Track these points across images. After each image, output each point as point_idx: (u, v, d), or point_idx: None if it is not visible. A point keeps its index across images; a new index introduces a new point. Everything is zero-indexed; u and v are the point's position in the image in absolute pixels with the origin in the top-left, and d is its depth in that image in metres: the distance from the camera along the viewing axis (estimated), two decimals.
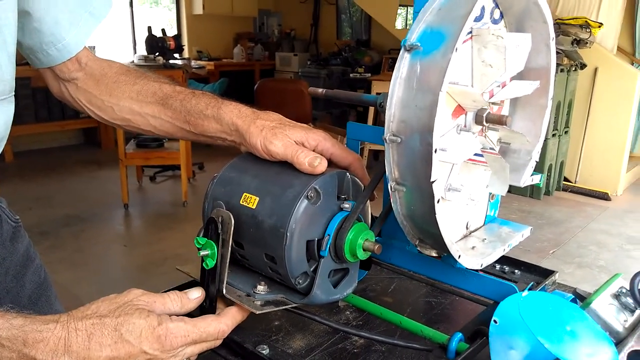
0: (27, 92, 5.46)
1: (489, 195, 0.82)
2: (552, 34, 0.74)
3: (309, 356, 0.73)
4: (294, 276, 0.64)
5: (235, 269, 0.71)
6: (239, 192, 0.68)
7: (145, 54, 5.13)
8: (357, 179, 0.70)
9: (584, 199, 4.77)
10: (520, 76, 0.75)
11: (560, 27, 4.46)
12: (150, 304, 0.59)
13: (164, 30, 5.05)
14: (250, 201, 0.66)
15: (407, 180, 0.62)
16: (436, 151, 0.58)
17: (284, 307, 0.65)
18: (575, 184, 5.02)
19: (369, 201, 0.72)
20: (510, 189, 0.76)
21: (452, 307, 0.90)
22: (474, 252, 0.74)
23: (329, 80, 6.78)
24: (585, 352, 0.53)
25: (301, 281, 0.66)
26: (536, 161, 0.79)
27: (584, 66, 4.65)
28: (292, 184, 0.64)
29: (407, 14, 7.11)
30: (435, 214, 0.60)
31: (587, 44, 4.54)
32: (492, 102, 0.71)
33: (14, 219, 0.88)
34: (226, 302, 0.65)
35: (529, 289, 0.79)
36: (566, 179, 5.05)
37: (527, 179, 0.80)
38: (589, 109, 4.90)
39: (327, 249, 0.65)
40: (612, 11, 4.89)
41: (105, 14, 0.84)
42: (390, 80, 0.61)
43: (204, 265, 0.64)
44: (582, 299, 0.70)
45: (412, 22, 0.64)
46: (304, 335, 0.78)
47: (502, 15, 0.73)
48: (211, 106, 0.76)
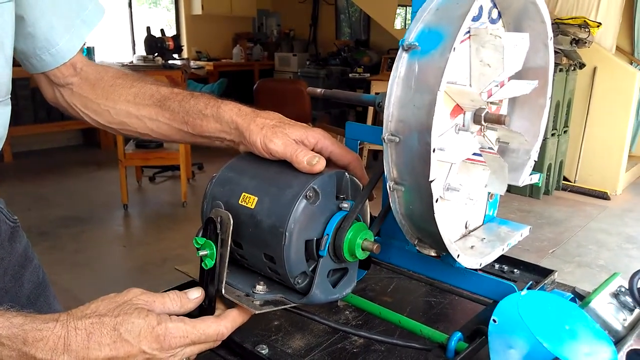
0: (26, 93, 5.45)
1: (488, 194, 0.82)
2: (550, 34, 0.74)
3: (308, 356, 0.73)
4: (293, 276, 0.64)
5: (234, 268, 0.71)
6: (238, 192, 0.68)
7: (144, 54, 5.13)
8: (355, 179, 0.71)
9: (584, 199, 4.77)
10: (518, 76, 0.75)
11: (559, 26, 4.46)
12: (149, 303, 0.59)
13: (162, 30, 5.05)
14: (249, 201, 0.66)
15: (406, 179, 0.62)
16: (434, 150, 0.58)
17: (283, 307, 0.65)
18: (574, 183, 5.02)
19: (367, 201, 0.72)
20: (509, 189, 0.76)
21: (451, 306, 0.90)
22: (473, 252, 0.74)
23: (328, 80, 6.78)
24: (584, 351, 0.53)
25: (300, 281, 0.66)
26: (535, 160, 0.79)
27: (582, 66, 4.65)
28: (291, 184, 0.64)
29: (406, 14, 7.11)
30: (434, 213, 0.60)
31: (586, 43, 4.55)
32: (491, 102, 0.71)
33: (12, 219, 0.88)
34: (225, 302, 0.65)
35: (528, 288, 0.79)
36: (565, 179, 5.05)
37: (526, 178, 0.80)
38: (588, 109, 4.91)
39: (326, 248, 0.65)
40: (611, 11, 4.89)
41: (97, 22, 0.84)
42: (389, 80, 0.61)
43: (203, 265, 0.64)
44: (581, 298, 0.70)
45: (411, 21, 0.64)
46: (304, 335, 0.78)
47: (500, 14, 0.73)
48: (210, 105, 0.76)
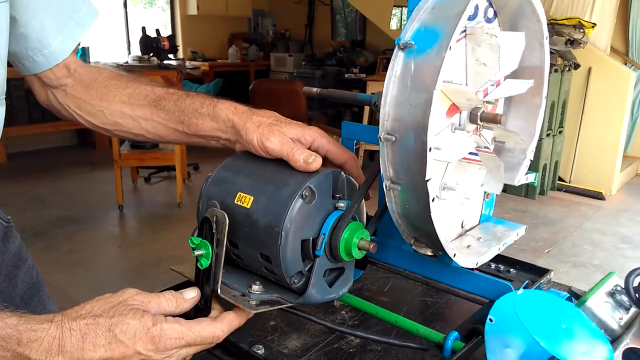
0: (20, 93, 5.43)
1: (484, 194, 0.82)
2: (546, 33, 0.74)
3: (304, 356, 0.73)
4: (289, 275, 0.64)
5: (230, 268, 0.71)
6: (234, 191, 0.67)
7: (139, 54, 5.12)
8: (351, 178, 0.70)
9: (579, 199, 4.79)
10: (514, 75, 0.75)
11: (553, 27, 4.48)
12: (145, 303, 0.58)
13: (158, 30, 5.04)
14: (244, 200, 0.66)
15: (402, 179, 0.62)
16: (431, 149, 0.58)
17: (279, 307, 0.65)
18: (569, 183, 5.04)
19: (364, 200, 0.72)
20: (504, 189, 0.76)
21: (447, 306, 0.90)
22: (469, 251, 0.73)
23: (324, 80, 6.78)
24: (580, 350, 0.53)
25: (296, 280, 0.66)
26: (530, 160, 0.79)
27: (577, 66, 4.67)
28: (287, 183, 0.64)
29: (401, 14, 7.12)
30: (430, 212, 0.60)
31: (581, 44, 4.56)
32: (487, 101, 0.71)
33: (5, 219, 0.87)
34: (221, 302, 0.65)
35: (524, 288, 0.79)
36: (560, 179, 5.07)
37: (522, 177, 0.80)
38: (583, 109, 4.93)
39: (322, 248, 0.64)
40: (605, 11, 4.91)
41: (91, 24, 0.83)
42: (385, 79, 0.61)
43: (199, 265, 0.64)
44: (577, 297, 0.70)
45: (407, 20, 0.64)
46: (300, 335, 0.78)
47: (495, 14, 0.73)
48: (206, 104, 0.76)
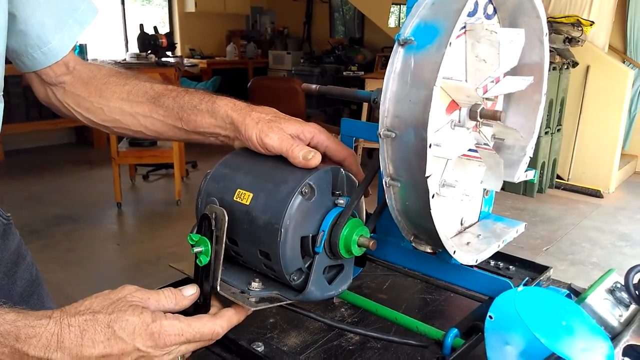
0: (18, 91, 5.41)
1: (484, 191, 0.82)
2: (546, 30, 0.74)
3: (304, 353, 0.73)
4: (288, 272, 0.64)
5: (229, 265, 0.71)
6: (233, 188, 0.67)
7: (137, 51, 5.11)
8: (351, 175, 0.70)
9: (577, 197, 4.80)
10: (513, 72, 0.74)
11: (552, 25, 4.48)
12: (144, 300, 0.58)
13: (156, 28, 5.03)
14: (244, 197, 0.66)
15: (402, 175, 0.62)
16: (431, 146, 0.57)
17: (278, 304, 0.65)
18: (567, 181, 5.04)
19: (363, 197, 0.71)
20: (503, 186, 0.76)
21: (447, 303, 0.89)
22: (469, 248, 0.73)
23: (322, 78, 6.78)
24: (581, 346, 0.53)
25: (296, 278, 0.66)
26: (530, 157, 0.79)
27: (575, 64, 4.67)
28: (286, 180, 0.64)
29: (399, 12, 7.11)
30: (430, 209, 0.60)
31: (579, 42, 4.57)
32: (486, 98, 0.71)
33: (5, 216, 0.87)
34: (220, 299, 0.65)
35: (524, 285, 0.79)
36: (559, 177, 5.07)
37: (521, 174, 0.80)
38: (581, 107, 4.93)
39: (322, 245, 0.64)
40: (604, 9, 4.91)
41: (90, 21, 0.83)
42: (383, 78, 0.61)
43: (198, 262, 0.64)
44: (576, 294, 0.70)
45: (405, 17, 0.64)
46: (299, 332, 0.78)
47: (495, 10, 0.73)
48: (205, 101, 0.76)
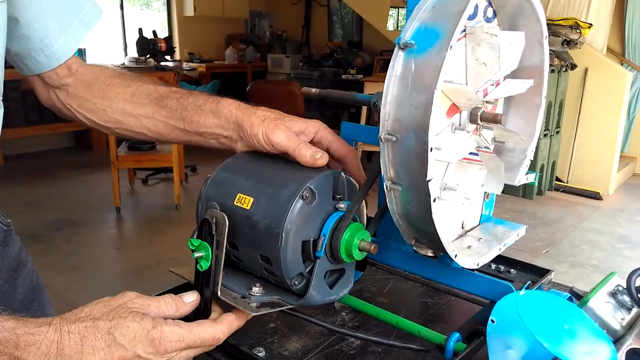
0: (17, 95, 5.41)
1: (484, 194, 0.82)
2: (545, 32, 0.74)
3: (305, 358, 0.73)
4: (289, 277, 0.64)
5: (229, 270, 0.71)
6: (233, 192, 0.67)
7: (136, 56, 5.11)
8: (352, 179, 0.70)
9: (576, 199, 4.80)
10: (513, 75, 0.74)
11: (550, 27, 4.48)
12: (144, 306, 0.58)
13: (155, 32, 5.03)
14: (244, 202, 0.65)
15: (403, 179, 0.61)
16: (432, 150, 0.57)
17: (279, 309, 0.65)
18: (567, 183, 5.04)
19: (364, 201, 0.71)
20: (502, 189, 0.76)
21: (447, 307, 0.89)
22: (470, 252, 0.73)
23: (321, 81, 6.78)
24: (583, 350, 0.53)
25: (297, 282, 0.65)
26: (531, 160, 0.79)
27: (574, 67, 4.68)
28: (287, 184, 0.64)
29: (398, 15, 7.12)
30: (431, 213, 0.60)
31: (577, 44, 4.57)
32: (486, 101, 0.71)
33: (5, 222, 0.87)
34: (221, 304, 0.64)
35: (526, 289, 0.79)
36: (558, 179, 5.07)
37: (522, 177, 0.79)
38: (580, 109, 4.93)
39: (323, 249, 0.64)
40: (602, 12, 4.92)
41: (95, 22, 0.83)
42: (382, 81, 0.61)
43: (198, 267, 0.64)
44: (578, 298, 0.69)
45: (406, 20, 0.64)
46: (300, 337, 0.78)
47: (495, 13, 0.73)
48: (210, 101, 0.76)
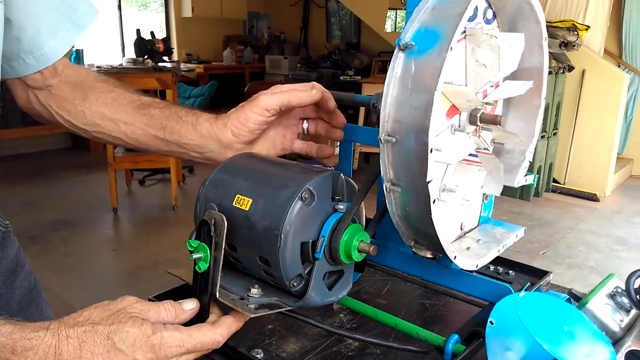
0: (12, 95, 5.39)
1: (483, 195, 0.82)
2: (545, 34, 0.74)
3: None
4: (288, 279, 0.64)
5: (228, 272, 0.70)
6: (232, 193, 0.67)
7: (133, 56, 5.10)
8: (351, 180, 0.70)
9: (573, 200, 4.81)
10: (513, 76, 0.75)
11: (548, 29, 4.47)
12: (144, 312, 0.57)
13: (152, 33, 5.02)
14: (243, 203, 0.65)
15: (403, 180, 0.61)
16: (432, 151, 0.57)
17: (278, 310, 0.65)
18: (564, 185, 5.06)
19: (363, 202, 0.71)
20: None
21: (446, 308, 0.89)
22: (469, 253, 0.73)
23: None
24: (583, 352, 0.53)
25: (296, 284, 0.65)
26: (530, 161, 0.79)
27: (571, 68, 4.69)
28: (286, 185, 0.63)
29: (396, 17, 7.14)
30: (431, 214, 0.60)
31: (575, 46, 4.59)
32: (486, 102, 0.71)
33: (3, 223, 0.86)
34: (219, 305, 0.64)
35: (525, 290, 0.79)
36: (555, 180, 5.08)
37: (521, 179, 0.79)
38: (577, 111, 4.95)
39: (322, 250, 0.64)
40: (599, 14, 4.94)
41: (89, 24, 0.82)
42: (380, 82, 0.61)
43: (197, 268, 0.63)
44: (577, 299, 0.69)
45: (405, 22, 0.64)
46: (298, 338, 0.77)
47: (494, 15, 0.73)
48: (190, 114, 0.78)
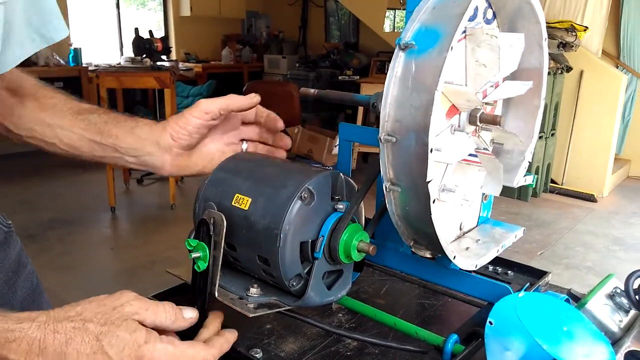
0: None
1: (482, 196, 0.82)
2: (545, 34, 0.74)
3: (301, 359, 0.72)
4: (287, 278, 0.64)
5: (227, 271, 0.70)
6: (231, 193, 0.67)
7: (132, 55, 5.09)
8: (350, 180, 0.70)
9: (571, 201, 4.81)
10: (512, 77, 0.75)
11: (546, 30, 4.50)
12: (141, 311, 0.55)
13: (151, 32, 5.00)
14: (242, 202, 0.65)
15: (402, 180, 0.61)
16: (432, 151, 0.57)
17: (277, 310, 0.65)
18: (562, 185, 5.06)
19: (362, 202, 0.71)
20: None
21: (444, 308, 0.89)
22: (468, 253, 0.73)
23: (318, 82, 6.78)
24: (582, 352, 0.53)
25: (295, 283, 0.65)
26: (529, 162, 0.79)
27: (569, 69, 4.70)
28: (285, 185, 0.63)
29: (394, 17, 7.14)
30: (430, 214, 0.60)
31: (573, 47, 4.59)
32: (485, 102, 0.71)
33: (5, 223, 0.85)
34: (217, 306, 0.64)
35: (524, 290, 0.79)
36: (553, 181, 5.09)
37: (521, 179, 0.80)
38: (575, 112, 4.96)
39: (322, 250, 0.64)
40: (597, 15, 4.95)
41: (56, 40, 0.79)
42: (379, 82, 0.61)
43: (196, 267, 0.63)
44: (576, 300, 0.70)
45: (405, 21, 0.64)
46: (297, 338, 0.77)
47: (494, 15, 0.73)
48: (131, 120, 0.79)
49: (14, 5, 0.68)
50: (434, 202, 0.60)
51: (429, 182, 0.58)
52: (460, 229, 0.79)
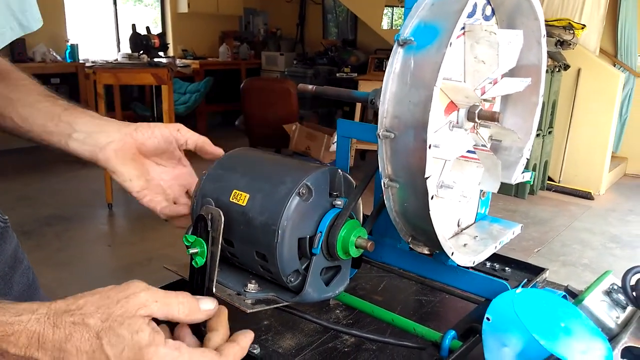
0: None
1: (480, 192, 0.82)
2: (544, 31, 0.74)
3: (299, 355, 0.72)
4: (285, 274, 0.63)
5: (225, 267, 0.70)
6: (229, 189, 0.67)
7: (129, 52, 5.07)
8: (349, 176, 0.70)
9: (568, 198, 4.82)
10: (511, 73, 0.75)
11: None
12: (149, 303, 0.50)
13: (148, 28, 4.99)
14: (240, 198, 0.65)
15: (401, 176, 0.61)
16: (430, 147, 0.57)
17: (275, 306, 0.64)
18: (559, 183, 5.07)
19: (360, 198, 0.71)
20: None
21: (441, 304, 0.89)
22: (466, 250, 0.73)
23: (316, 79, 6.77)
24: (580, 348, 0.53)
25: (293, 279, 0.65)
26: (527, 158, 0.79)
27: (567, 67, 4.70)
28: (284, 181, 0.63)
29: (392, 14, 7.14)
30: (429, 210, 0.60)
31: (571, 45, 4.60)
32: (484, 99, 0.71)
33: (2, 218, 0.84)
34: (221, 301, 0.64)
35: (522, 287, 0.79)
36: (550, 179, 5.10)
37: (519, 176, 0.80)
38: (572, 110, 4.96)
39: (319, 246, 0.64)
40: (595, 13, 4.95)
41: (33, 29, 0.79)
42: (376, 80, 0.61)
43: (193, 263, 0.63)
44: (573, 296, 0.70)
45: (404, 18, 0.64)
46: (294, 334, 0.77)
47: (493, 11, 0.73)
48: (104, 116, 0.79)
49: None
50: (432, 198, 0.60)
51: (427, 178, 0.58)
52: (458, 226, 0.79)
